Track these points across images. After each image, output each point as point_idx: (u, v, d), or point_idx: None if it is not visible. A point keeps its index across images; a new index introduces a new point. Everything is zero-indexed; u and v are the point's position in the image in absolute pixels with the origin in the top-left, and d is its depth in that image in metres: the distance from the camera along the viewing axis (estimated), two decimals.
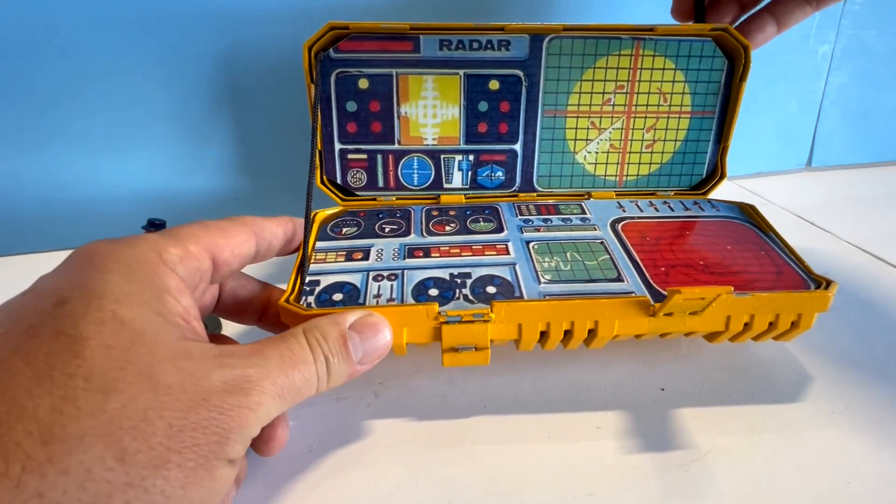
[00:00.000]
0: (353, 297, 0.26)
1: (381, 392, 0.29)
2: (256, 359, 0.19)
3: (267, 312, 0.27)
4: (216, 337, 0.26)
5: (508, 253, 0.30)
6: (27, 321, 0.16)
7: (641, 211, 0.34)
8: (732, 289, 0.24)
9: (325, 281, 0.27)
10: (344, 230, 0.32)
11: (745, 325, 0.27)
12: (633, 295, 0.26)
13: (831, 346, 0.31)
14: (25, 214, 0.42)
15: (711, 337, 0.28)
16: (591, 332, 0.26)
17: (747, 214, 0.34)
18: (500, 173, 0.36)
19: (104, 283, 0.17)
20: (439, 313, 0.24)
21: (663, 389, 0.29)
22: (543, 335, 0.26)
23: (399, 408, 0.28)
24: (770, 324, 0.27)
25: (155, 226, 0.30)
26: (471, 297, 0.26)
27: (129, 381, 0.16)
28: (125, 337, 0.16)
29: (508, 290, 0.27)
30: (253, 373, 0.18)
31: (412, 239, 0.31)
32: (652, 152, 0.36)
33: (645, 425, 0.26)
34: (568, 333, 0.26)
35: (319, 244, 0.31)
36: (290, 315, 0.25)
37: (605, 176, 0.37)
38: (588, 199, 0.36)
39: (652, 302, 0.25)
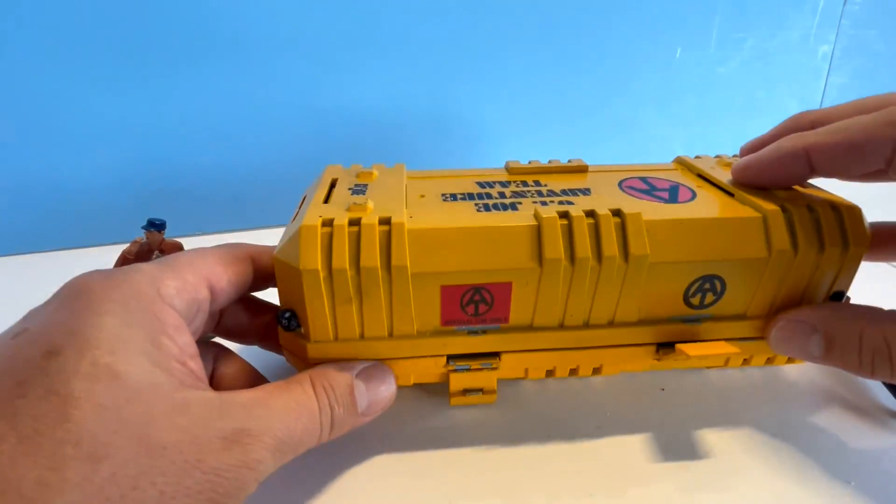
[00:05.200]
0: None
1: None
2: (259, 409, 0.18)
3: (269, 334, 0.26)
4: (213, 345, 0.25)
5: None
6: (14, 376, 0.15)
7: None
8: (738, 350, 0.24)
9: None
10: None
11: (745, 360, 0.28)
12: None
13: None
14: (25, 214, 0.42)
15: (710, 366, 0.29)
16: (596, 370, 0.27)
17: None
18: None
19: (98, 329, 0.17)
20: (447, 363, 0.24)
21: (663, 389, 0.29)
22: (549, 372, 0.27)
23: (399, 408, 0.28)
24: (768, 359, 0.28)
25: (155, 225, 0.29)
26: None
27: (120, 445, 0.15)
28: (119, 395, 0.16)
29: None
30: (254, 426, 0.17)
31: None
32: None
33: (645, 425, 0.26)
34: (573, 371, 0.27)
35: None
36: (291, 343, 0.24)
37: None
38: None
39: (657, 350, 0.25)
